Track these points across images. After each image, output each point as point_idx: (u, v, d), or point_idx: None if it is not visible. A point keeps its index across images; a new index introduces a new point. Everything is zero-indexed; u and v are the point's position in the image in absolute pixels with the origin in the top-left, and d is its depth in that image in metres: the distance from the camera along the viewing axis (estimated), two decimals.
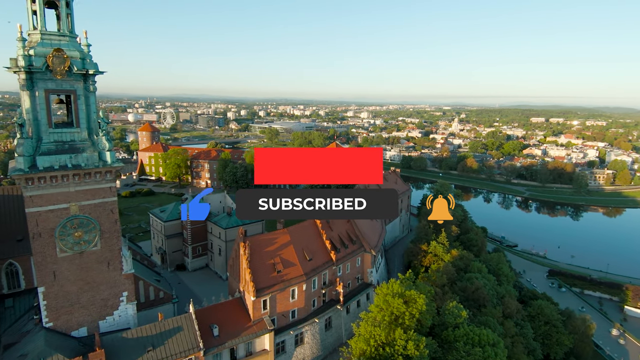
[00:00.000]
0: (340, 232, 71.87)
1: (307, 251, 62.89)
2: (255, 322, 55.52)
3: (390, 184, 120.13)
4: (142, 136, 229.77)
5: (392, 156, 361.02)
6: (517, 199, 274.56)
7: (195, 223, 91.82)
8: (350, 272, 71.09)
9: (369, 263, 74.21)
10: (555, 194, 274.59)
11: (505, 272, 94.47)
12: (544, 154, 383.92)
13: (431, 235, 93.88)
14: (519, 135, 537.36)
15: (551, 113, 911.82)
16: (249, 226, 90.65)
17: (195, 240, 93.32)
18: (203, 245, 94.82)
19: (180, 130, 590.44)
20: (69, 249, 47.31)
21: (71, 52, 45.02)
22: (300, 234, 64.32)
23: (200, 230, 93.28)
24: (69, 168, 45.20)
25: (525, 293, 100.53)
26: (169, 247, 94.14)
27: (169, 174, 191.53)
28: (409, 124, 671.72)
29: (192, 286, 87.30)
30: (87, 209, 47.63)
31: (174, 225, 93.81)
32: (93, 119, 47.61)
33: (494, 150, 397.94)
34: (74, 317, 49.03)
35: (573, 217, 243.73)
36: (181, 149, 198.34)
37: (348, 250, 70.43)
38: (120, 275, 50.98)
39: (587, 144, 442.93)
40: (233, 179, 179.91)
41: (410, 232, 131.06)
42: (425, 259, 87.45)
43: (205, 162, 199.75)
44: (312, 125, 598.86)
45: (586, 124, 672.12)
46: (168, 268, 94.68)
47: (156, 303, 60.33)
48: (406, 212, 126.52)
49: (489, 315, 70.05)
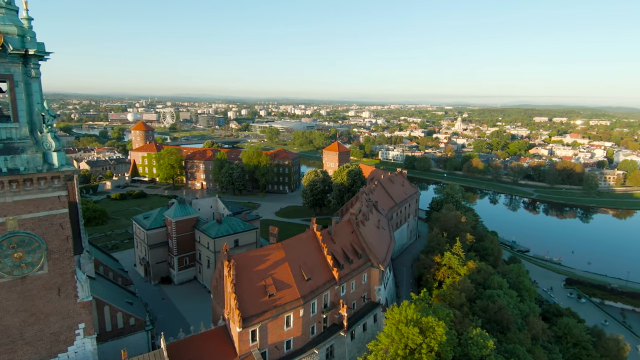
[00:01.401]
0: (344, 245, 62.41)
1: (305, 269, 53.40)
2: (242, 358, 46.08)
3: (397, 187, 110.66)
4: (135, 135, 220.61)
5: (395, 156, 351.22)
6: (525, 200, 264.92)
7: (181, 231, 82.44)
8: (355, 290, 61.64)
9: (376, 279, 64.74)
10: (565, 195, 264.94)
11: (527, 286, 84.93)
12: (550, 153, 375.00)
13: (444, 244, 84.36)
14: (524, 135, 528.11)
15: (554, 112, 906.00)
16: (241, 235, 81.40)
17: (182, 250, 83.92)
18: (190, 255, 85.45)
19: (180, 130, 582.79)
20: (7, 273, 37.87)
21: (6, 27, 35.67)
22: (297, 249, 54.82)
23: (188, 239, 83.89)
24: (4, 173, 35.82)
25: (547, 308, 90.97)
26: (153, 257, 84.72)
27: (161, 175, 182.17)
28: (411, 124, 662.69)
29: (178, 302, 77.97)
30: (29, 224, 38.13)
31: (158, 233, 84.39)
32: (36, 111, 38.19)
33: (499, 150, 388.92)
34: (17, 356, 39.68)
35: (583, 219, 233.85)
36: (175, 148, 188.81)
37: (353, 265, 60.97)
38: (75, 304, 41.46)
39: (593, 144, 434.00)
40: (229, 180, 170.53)
41: (418, 238, 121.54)
42: (439, 272, 77.90)
43: (201, 163, 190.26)
44: (313, 124, 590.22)
45: (590, 124, 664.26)
46: (152, 281, 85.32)
47: (125, 331, 50.95)
48: (414, 217, 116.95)
49: (515, 341, 60.50)
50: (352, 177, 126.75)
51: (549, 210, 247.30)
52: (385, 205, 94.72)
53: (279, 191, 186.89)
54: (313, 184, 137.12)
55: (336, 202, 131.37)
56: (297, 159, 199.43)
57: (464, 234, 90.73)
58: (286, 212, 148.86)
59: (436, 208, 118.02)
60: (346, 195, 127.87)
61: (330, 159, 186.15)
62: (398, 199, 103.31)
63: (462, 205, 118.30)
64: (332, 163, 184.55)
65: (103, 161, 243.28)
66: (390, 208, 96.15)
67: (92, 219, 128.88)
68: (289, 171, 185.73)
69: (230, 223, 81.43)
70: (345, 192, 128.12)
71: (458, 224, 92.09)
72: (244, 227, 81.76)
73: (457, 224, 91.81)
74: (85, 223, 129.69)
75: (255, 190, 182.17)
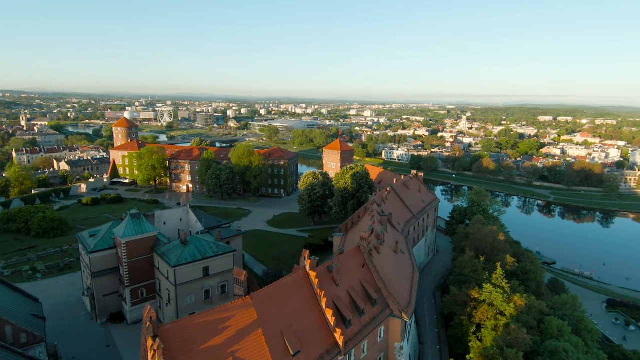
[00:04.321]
0: (352, 287, 42.42)
1: (290, 337, 33.39)
2: None
3: (413, 193, 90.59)
4: (117, 132, 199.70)
5: (400, 156, 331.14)
6: (538, 202, 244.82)
7: (135, 254, 62.35)
8: (367, 354, 41.69)
9: (397, 334, 44.83)
10: (584, 198, 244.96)
11: (589, 327, 64.82)
12: (562, 153, 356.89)
13: (481, 272, 64.13)
14: (531, 134, 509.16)
15: (558, 112, 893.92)
16: (213, 261, 61.27)
17: (136, 279, 63.83)
18: (149, 286, 65.38)
19: (177, 129, 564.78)
20: None
21: None
22: (278, 305, 34.75)
23: (144, 264, 63.80)
24: None
25: (609, 351, 70.71)
26: (99, 288, 64.58)
27: (141, 177, 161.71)
28: (415, 122, 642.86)
29: (127, 353, 57.95)
30: None
31: (105, 257, 64.24)
32: None
33: (509, 150, 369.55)
34: None
35: (604, 223, 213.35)
36: (157, 147, 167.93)
37: (365, 318, 41.03)
38: None
39: (606, 143, 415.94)
40: (216, 183, 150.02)
41: (436, 254, 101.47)
42: (477, 311, 57.79)
43: (186, 163, 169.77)
44: (314, 123, 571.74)
45: (596, 123, 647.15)
46: (97, 319, 65.27)
47: None
48: (432, 229, 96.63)
49: None
50: (357, 180, 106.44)
51: (566, 214, 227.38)
52: (400, 217, 74.88)
53: (274, 195, 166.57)
54: (311, 189, 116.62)
55: (338, 210, 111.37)
56: (294, 158, 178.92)
57: (503, 255, 70.48)
58: (280, 221, 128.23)
59: (460, 219, 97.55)
60: (350, 202, 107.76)
61: (332, 158, 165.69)
62: (415, 208, 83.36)
63: (490, 215, 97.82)
64: (334, 163, 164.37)
65: (85, 161, 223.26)
66: (407, 221, 76.27)
67: (49, 230, 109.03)
68: (285, 172, 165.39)
69: (199, 244, 61.48)
70: (350, 199, 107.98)
71: (495, 242, 71.94)
72: (217, 250, 61.71)
73: (493, 243, 71.66)
74: (40, 235, 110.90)
75: (246, 194, 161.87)
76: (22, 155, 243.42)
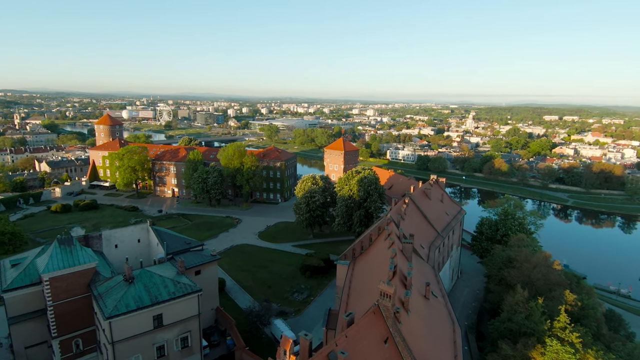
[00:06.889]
0: None
1: None
2: None
3: (435, 204, 73.18)
4: (99, 131, 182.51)
5: (406, 156, 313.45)
6: (554, 206, 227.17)
7: (65, 295, 45.24)
8: None
9: None
10: (605, 201, 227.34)
11: None
12: (575, 153, 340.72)
13: (539, 317, 46.65)
14: (540, 134, 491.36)
15: (563, 111, 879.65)
16: (167, 307, 43.91)
17: (68, 327, 46.68)
18: (87, 335, 48.22)
19: (176, 128, 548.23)
20: None
21: None
22: None
23: (79, 306, 46.62)
24: None
25: None
26: (19, 339, 47.52)
27: (119, 180, 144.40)
28: (419, 122, 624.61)
29: None
30: None
31: (28, 296, 47.05)
32: None
33: (519, 150, 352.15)
34: None
35: (626, 230, 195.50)
36: (139, 146, 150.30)
37: None
38: None
39: (619, 143, 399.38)
40: (203, 187, 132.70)
41: (461, 275, 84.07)
42: None
43: (171, 165, 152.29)
44: (316, 122, 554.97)
45: (603, 122, 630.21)
46: None
47: None
48: (457, 247, 79.15)
49: None
50: (365, 187, 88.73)
51: (583, 219, 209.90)
52: (423, 238, 57.67)
53: (269, 200, 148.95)
54: (310, 196, 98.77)
55: (342, 222, 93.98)
56: (292, 159, 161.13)
57: (560, 290, 52.93)
58: (273, 233, 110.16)
59: (489, 234, 79.71)
60: (356, 212, 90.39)
61: (334, 159, 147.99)
62: (439, 224, 66.00)
63: (528, 230, 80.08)
64: (336, 165, 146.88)
65: (67, 161, 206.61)
66: (431, 243, 59.02)
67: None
68: (282, 175, 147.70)
69: (150, 282, 44.35)
70: (356, 209, 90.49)
71: (548, 273, 54.26)
72: (175, 290, 44.48)
73: (547, 275, 53.98)
74: None
75: (238, 200, 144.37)
76: (5, 155, 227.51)
